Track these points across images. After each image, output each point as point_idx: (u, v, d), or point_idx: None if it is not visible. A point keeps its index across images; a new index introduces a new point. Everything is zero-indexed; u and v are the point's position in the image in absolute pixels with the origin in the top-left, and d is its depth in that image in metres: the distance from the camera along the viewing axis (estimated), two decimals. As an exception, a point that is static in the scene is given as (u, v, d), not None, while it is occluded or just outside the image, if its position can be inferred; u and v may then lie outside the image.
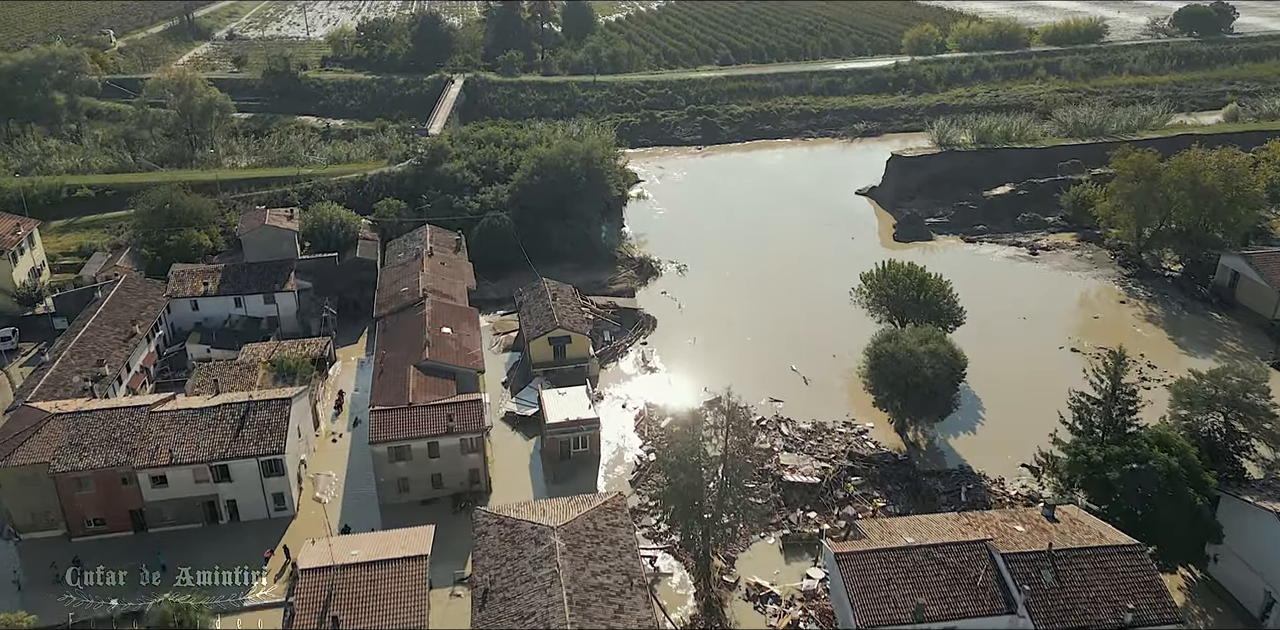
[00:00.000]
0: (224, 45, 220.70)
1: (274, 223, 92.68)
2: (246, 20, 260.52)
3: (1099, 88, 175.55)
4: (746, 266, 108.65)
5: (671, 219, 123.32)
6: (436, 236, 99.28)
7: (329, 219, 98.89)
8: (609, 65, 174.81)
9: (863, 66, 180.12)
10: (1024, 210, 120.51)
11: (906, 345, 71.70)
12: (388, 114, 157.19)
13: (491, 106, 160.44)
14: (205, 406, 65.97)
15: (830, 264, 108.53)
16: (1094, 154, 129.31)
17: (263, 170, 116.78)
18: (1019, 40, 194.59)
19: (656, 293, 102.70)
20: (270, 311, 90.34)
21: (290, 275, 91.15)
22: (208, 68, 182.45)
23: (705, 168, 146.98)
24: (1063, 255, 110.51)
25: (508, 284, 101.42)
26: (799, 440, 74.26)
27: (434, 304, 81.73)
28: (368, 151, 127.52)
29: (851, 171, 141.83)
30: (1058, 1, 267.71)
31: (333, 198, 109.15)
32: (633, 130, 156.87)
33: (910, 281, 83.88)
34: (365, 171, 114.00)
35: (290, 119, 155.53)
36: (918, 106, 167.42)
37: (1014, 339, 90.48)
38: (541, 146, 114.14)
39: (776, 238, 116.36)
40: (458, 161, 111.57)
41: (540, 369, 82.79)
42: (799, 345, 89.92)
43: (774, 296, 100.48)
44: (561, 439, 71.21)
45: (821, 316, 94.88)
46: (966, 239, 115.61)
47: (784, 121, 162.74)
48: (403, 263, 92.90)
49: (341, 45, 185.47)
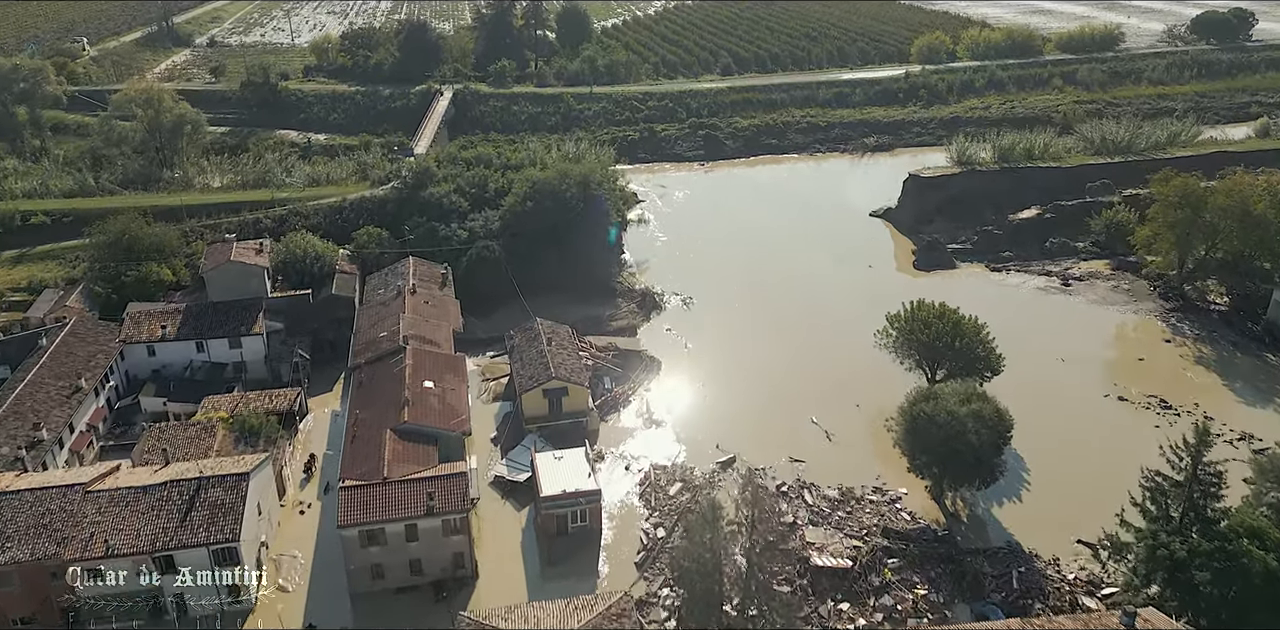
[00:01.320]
0: (204, 53, 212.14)
1: (241, 258, 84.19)
2: (229, 25, 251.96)
3: (1118, 99, 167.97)
4: (756, 298, 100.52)
5: (674, 245, 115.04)
6: (420, 270, 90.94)
7: (303, 251, 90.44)
8: (606, 75, 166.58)
9: (871, 76, 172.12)
10: (1052, 235, 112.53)
11: (947, 406, 63.64)
12: (372, 128, 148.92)
13: (482, 120, 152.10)
14: (149, 484, 57.55)
15: (848, 296, 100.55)
16: (1124, 173, 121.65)
17: (234, 194, 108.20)
18: (1032, 48, 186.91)
19: (660, 329, 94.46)
20: (236, 356, 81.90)
21: (259, 316, 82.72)
22: (183, 78, 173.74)
23: (708, 185, 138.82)
24: (1097, 286, 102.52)
25: (499, 320, 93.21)
26: (825, 511, 66.06)
27: (415, 353, 73.38)
28: (349, 171, 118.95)
29: (864, 190, 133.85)
30: (1065, 4, 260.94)
31: (309, 225, 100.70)
32: (631, 145, 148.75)
33: (943, 326, 75.79)
34: (345, 196, 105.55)
35: (269, 134, 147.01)
36: (930, 119, 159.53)
37: (1053, 384, 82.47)
38: (535, 169, 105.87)
39: (787, 265, 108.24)
40: (444, 185, 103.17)
41: (534, 425, 74.53)
42: (818, 392, 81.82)
43: (788, 334, 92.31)
44: (558, 514, 62.95)
45: (841, 358, 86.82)
46: (992, 267, 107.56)
47: (790, 135, 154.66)
48: (382, 301, 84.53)
49: (325, 54, 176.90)
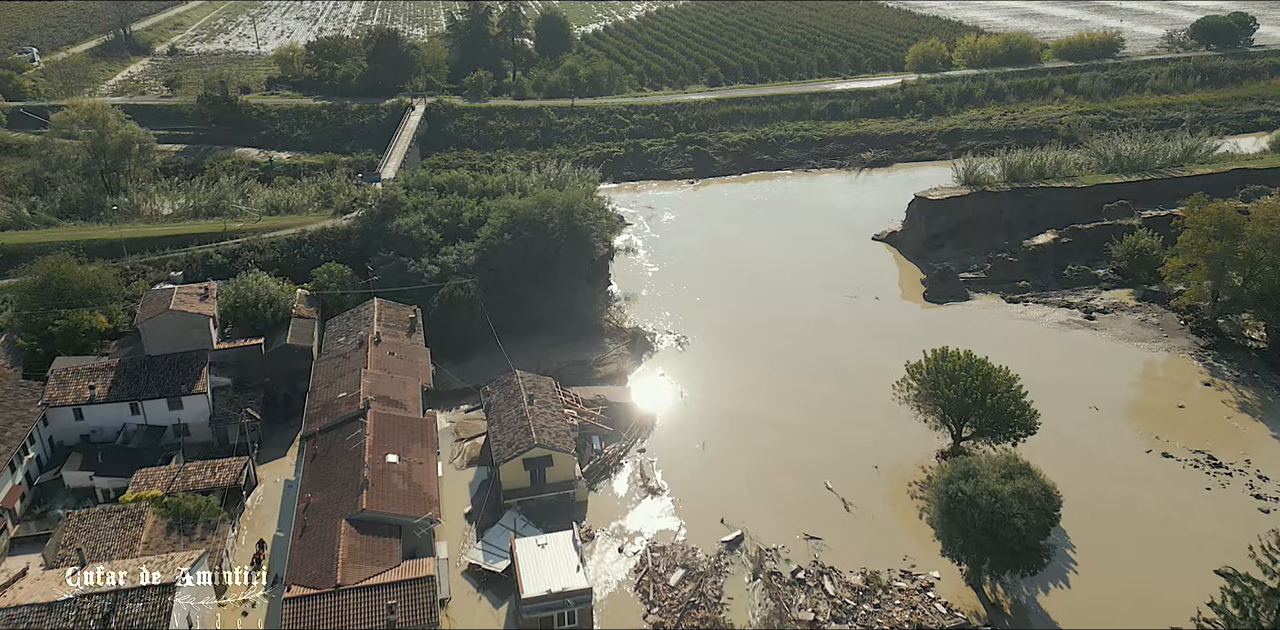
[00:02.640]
0: (163, 62, 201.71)
1: (182, 306, 74.81)
2: (192, 32, 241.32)
3: (1123, 109, 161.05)
4: (755, 336, 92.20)
5: (665, 276, 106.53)
6: (386, 313, 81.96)
7: (255, 295, 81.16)
8: (588, 87, 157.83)
9: (866, 87, 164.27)
10: (1070, 262, 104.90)
11: (987, 485, 55.55)
12: (339, 146, 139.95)
13: (457, 136, 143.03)
14: (56, 601, 48.37)
15: (856, 332, 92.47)
16: (1141, 192, 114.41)
17: (182, 226, 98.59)
18: (1030, 56, 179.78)
19: (653, 374, 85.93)
20: (177, 418, 72.62)
21: (202, 371, 73.48)
22: (137, 91, 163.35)
23: (698, 205, 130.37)
24: (1123, 320, 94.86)
25: (474, 367, 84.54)
26: (849, 605, 57.72)
27: (377, 420, 64.45)
28: (312, 196, 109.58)
29: (863, 209, 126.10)
30: (1055, 8, 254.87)
31: (264, 261, 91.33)
32: (616, 162, 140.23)
33: (971, 379, 67.71)
34: (305, 226, 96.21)
35: (228, 152, 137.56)
36: (929, 132, 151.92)
37: (1090, 439, 74.56)
38: (514, 195, 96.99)
39: (788, 297, 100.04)
40: (414, 215, 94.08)
41: (514, 499, 65.79)
42: (831, 450, 73.55)
43: (793, 379, 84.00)
44: (543, 616, 54.27)
45: (854, 408, 78.72)
46: (1009, 299, 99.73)
47: (783, 150, 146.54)
48: (342, 353, 75.45)
49: (290, 65, 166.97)
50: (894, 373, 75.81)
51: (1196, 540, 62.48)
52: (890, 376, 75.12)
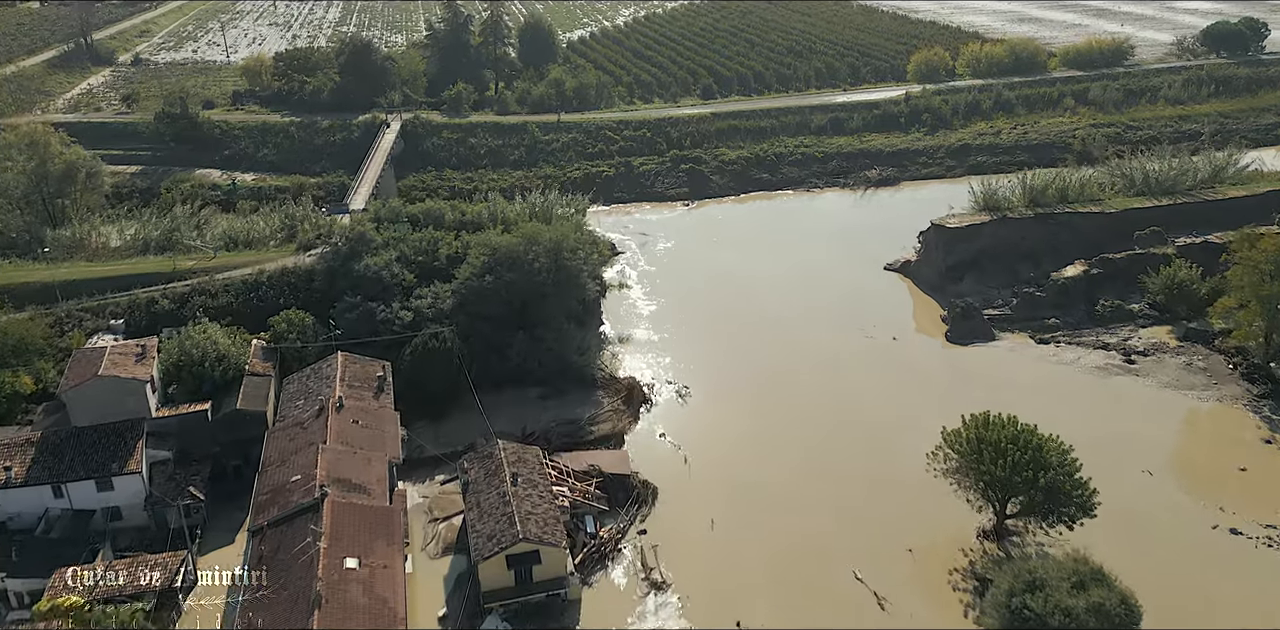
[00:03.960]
0: (126, 73, 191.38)
1: (114, 371, 65.30)
2: (159, 40, 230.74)
3: (1137, 121, 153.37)
4: (763, 385, 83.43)
5: (662, 314, 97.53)
6: (351, 369, 72.66)
7: (202, 351, 71.67)
8: (575, 100, 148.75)
9: (869, 99, 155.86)
10: (1102, 295, 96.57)
11: (1058, 601, 47.05)
12: (308, 166, 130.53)
13: (435, 155, 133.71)
14: None
15: (874, 380, 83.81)
16: (1171, 217, 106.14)
17: (125, 265, 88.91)
18: (1038, 64, 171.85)
19: (652, 434, 76.94)
20: (108, 500, 63.23)
21: (138, 445, 64.10)
22: (92, 106, 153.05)
23: (695, 229, 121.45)
24: (1167, 364, 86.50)
25: (451, 427, 75.49)
26: (894, 739, 49.05)
27: (336, 511, 55.22)
28: (275, 227, 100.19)
29: (871, 232, 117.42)
30: (1054, 12, 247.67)
31: (216, 306, 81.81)
32: (607, 182, 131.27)
33: (1020, 453, 59.12)
34: (263, 266, 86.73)
35: (188, 174, 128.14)
36: (937, 147, 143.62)
37: (1148, 511, 65.95)
38: (495, 229, 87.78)
39: (797, 338, 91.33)
40: (384, 254, 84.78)
41: (496, 601, 56.72)
42: (858, 528, 64.86)
43: (808, 438, 75.25)
44: None
45: (879, 475, 70.01)
46: (1039, 339, 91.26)
47: (783, 168, 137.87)
48: (299, 421, 66.11)
49: (257, 77, 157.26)
50: (920, 429, 68.41)
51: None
52: (917, 434, 67.71)
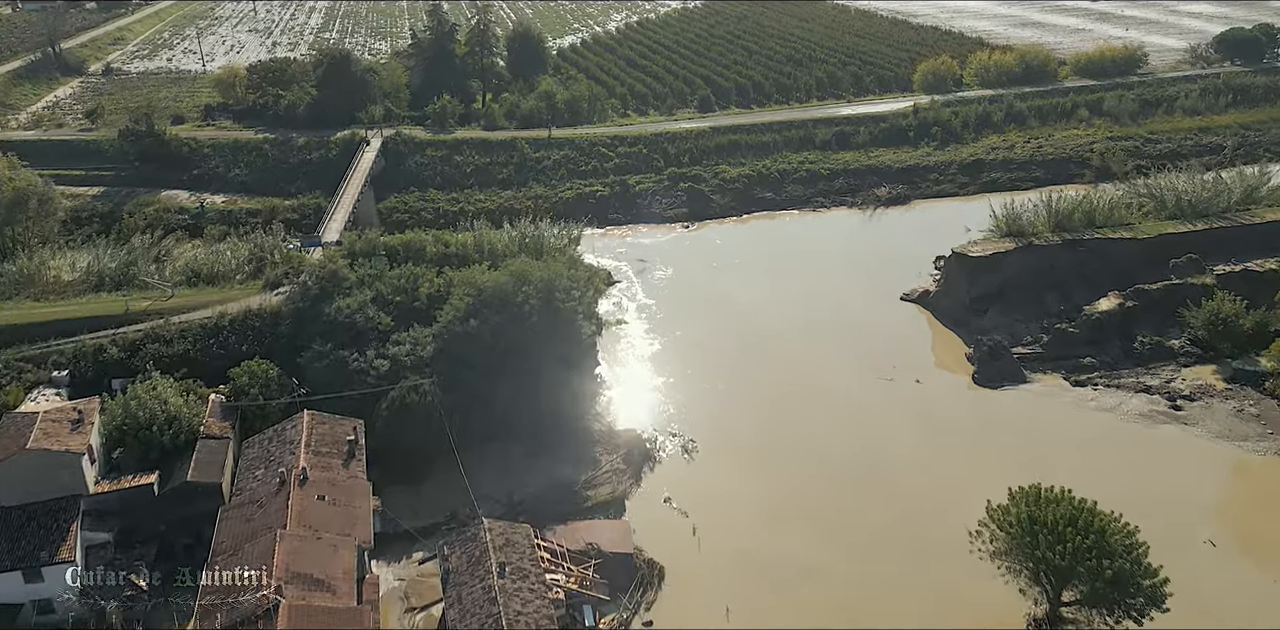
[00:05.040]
0: (96, 83, 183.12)
1: (45, 443, 57.28)
2: (134, 48, 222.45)
3: (1156, 134, 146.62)
4: (776, 437, 75.86)
5: (663, 354, 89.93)
6: (319, 431, 64.77)
7: (150, 413, 63.68)
8: (566, 114, 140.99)
9: (875, 111, 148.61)
10: (1138, 330, 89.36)
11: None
12: (282, 187, 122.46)
13: (418, 174, 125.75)
14: None
15: (899, 430, 76.30)
16: (1210, 243, 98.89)
17: (72, 307, 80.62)
18: (1049, 73, 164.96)
19: (655, 497, 69.22)
20: (37, 592, 55.28)
21: (71, 528, 56.20)
22: (54, 122, 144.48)
23: (696, 254, 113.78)
24: (1216, 410, 79.21)
25: (430, 494, 67.70)
26: None
27: (294, 618, 47.34)
28: (242, 258, 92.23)
29: (884, 257, 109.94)
30: (1057, 17, 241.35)
31: (171, 355, 73.78)
32: (601, 203, 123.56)
33: (1079, 538, 51.69)
34: (225, 308, 78.69)
35: (153, 196, 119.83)
36: (948, 163, 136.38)
37: (1218, 593, 58.35)
38: (481, 266, 79.86)
39: (811, 381, 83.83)
40: (358, 295, 76.84)
41: (481, 720, 49.04)
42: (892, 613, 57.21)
43: (829, 502, 67.73)
44: None
45: (913, 546, 62.54)
46: (1074, 381, 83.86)
47: (787, 186, 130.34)
48: (255, 499, 58.19)
49: (231, 90, 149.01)
50: (954, 492, 63.48)
51: None
52: (950, 495, 62.88)
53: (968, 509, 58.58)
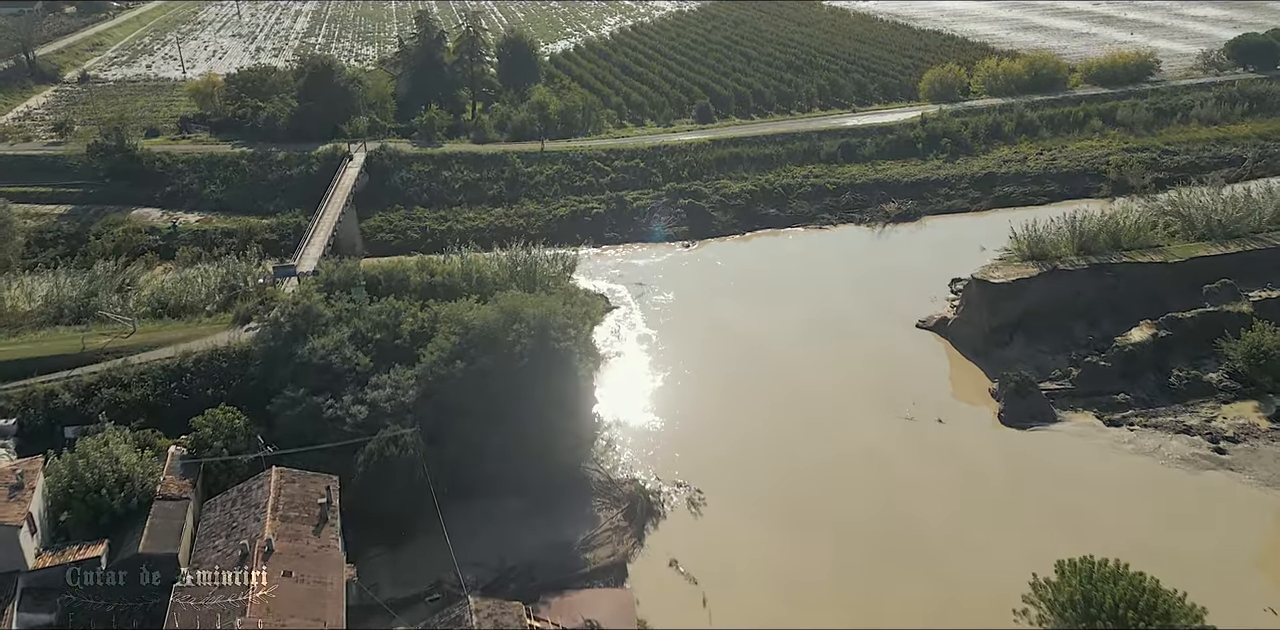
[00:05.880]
0: (71, 92, 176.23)
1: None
2: (112, 54, 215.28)
3: (1173, 144, 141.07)
4: (791, 486, 69.79)
5: (666, 389, 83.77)
6: (288, 491, 58.44)
7: (99, 474, 57.36)
8: (559, 125, 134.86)
9: (881, 121, 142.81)
10: (1173, 362, 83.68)
11: None
12: (260, 205, 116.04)
13: (404, 190, 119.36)
14: None
15: (924, 480, 70.36)
16: (1244, 266, 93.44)
17: (23, 346, 74.07)
18: (1059, 81, 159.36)
19: (660, 561, 63.08)
20: (-35, 686, 49.08)
21: (8, 609, 49.89)
22: (21, 136, 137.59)
23: (697, 276, 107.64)
24: (1263, 453, 73.35)
25: (410, 557, 61.81)
26: None
27: (250, 732, 41.21)
28: (213, 286, 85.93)
29: (895, 278, 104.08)
30: (1058, 19, 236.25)
31: (129, 401, 67.55)
32: (597, 220, 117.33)
33: (1142, 624, 45.84)
34: (190, 346, 72.32)
35: (123, 215, 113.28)
36: (959, 177, 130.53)
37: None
38: (468, 302, 73.57)
39: (825, 421, 77.86)
40: (334, 333, 70.60)
41: None
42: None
43: (855, 567, 61.69)
44: None
45: (944, 614, 56.63)
46: (1108, 420, 77.98)
47: (792, 202, 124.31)
48: (213, 577, 51.79)
49: (209, 100, 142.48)
50: (990, 552, 59.71)
51: None
52: (987, 559, 58.82)
53: (1008, 575, 53.69)
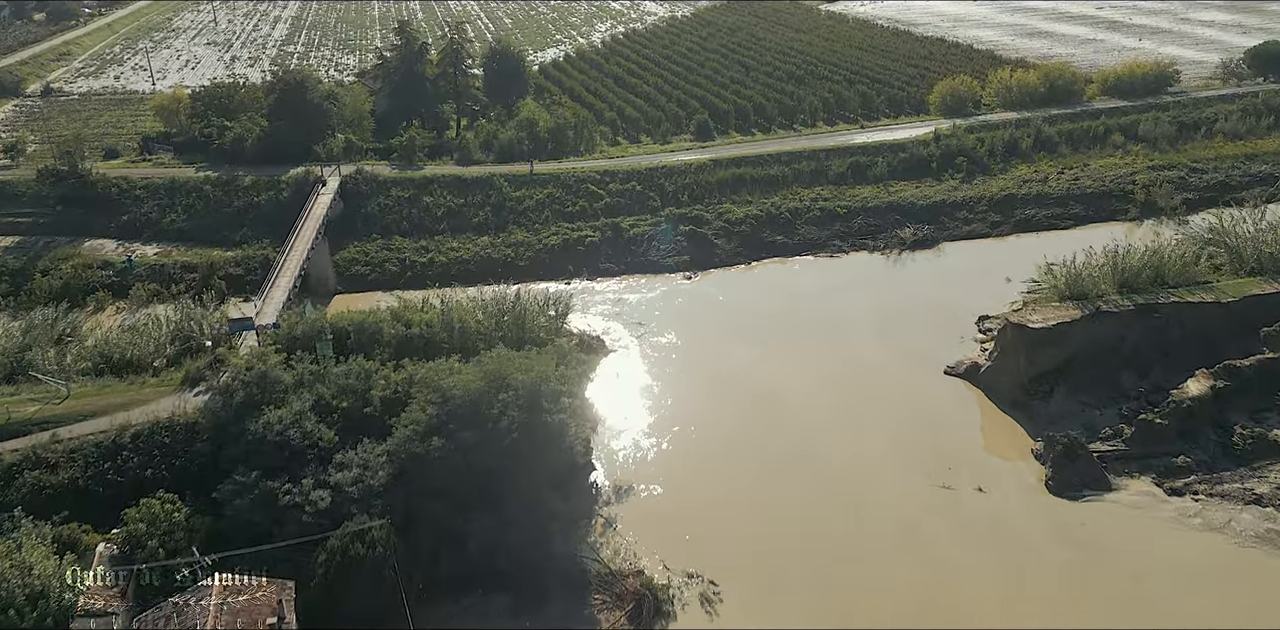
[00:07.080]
0: (32, 106, 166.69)
1: None
2: (79, 65, 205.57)
3: (1200, 162, 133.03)
4: (818, 575, 61.04)
5: (671, 455, 74.86)
6: (233, 604, 49.35)
7: (8, 589, 48.18)
8: (550, 144, 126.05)
9: (892, 138, 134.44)
10: (1233, 417, 75.39)
11: None
12: (225, 235, 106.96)
13: (382, 218, 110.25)
14: None
15: (966, 562, 61.80)
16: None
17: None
18: (1075, 93, 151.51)
19: (671, 673, 54.68)
20: None
21: None
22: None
23: (701, 312, 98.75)
24: (1348, 529, 65.40)
25: (386, 673, 52.66)
26: None
27: None
28: (163, 339, 76.83)
29: (916, 315, 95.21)
30: (1062, 25, 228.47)
31: (54, 486, 58.47)
32: (591, 250, 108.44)
33: None
34: (128, 419, 63.17)
35: (75, 247, 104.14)
36: (977, 199, 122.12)
37: None
38: (448, 363, 64.69)
39: (850, 489, 69.22)
40: (294, 403, 61.55)
41: None
42: None
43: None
44: None
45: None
46: (1169, 488, 69.54)
47: (800, 228, 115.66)
48: (138, 730, 42.93)
49: (174, 117, 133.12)
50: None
51: None
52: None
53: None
